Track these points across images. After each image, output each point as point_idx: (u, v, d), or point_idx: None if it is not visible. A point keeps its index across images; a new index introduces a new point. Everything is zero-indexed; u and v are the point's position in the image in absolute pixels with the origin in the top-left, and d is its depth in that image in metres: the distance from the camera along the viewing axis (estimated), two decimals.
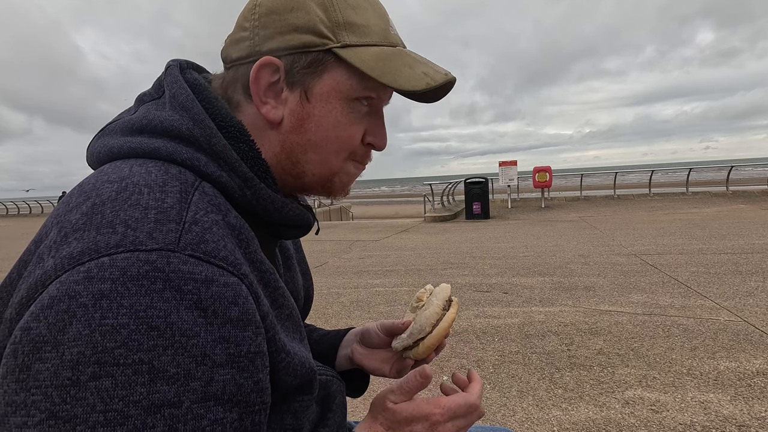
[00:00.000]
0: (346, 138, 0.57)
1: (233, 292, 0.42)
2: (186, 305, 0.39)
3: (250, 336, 0.43)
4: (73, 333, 0.36)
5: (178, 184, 0.46)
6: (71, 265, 0.39)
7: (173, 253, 0.40)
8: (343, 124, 0.56)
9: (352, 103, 0.56)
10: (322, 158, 0.57)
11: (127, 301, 0.37)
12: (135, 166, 0.48)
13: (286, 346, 0.49)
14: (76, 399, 0.35)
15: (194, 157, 0.50)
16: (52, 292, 0.38)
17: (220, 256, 0.43)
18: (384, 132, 0.61)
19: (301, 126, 0.55)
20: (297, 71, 0.54)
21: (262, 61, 0.53)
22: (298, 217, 0.58)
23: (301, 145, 0.56)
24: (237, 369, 0.41)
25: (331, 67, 0.54)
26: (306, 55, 0.53)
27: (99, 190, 0.44)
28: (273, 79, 0.54)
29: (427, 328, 0.68)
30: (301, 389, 0.54)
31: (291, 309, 0.54)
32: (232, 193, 0.51)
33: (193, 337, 0.39)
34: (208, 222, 0.45)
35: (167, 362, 0.37)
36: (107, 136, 0.54)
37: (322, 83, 0.54)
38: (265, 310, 0.46)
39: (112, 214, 0.41)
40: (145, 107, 0.55)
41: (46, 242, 0.43)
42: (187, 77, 0.56)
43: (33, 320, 0.37)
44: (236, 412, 0.42)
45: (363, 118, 0.58)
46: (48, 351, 0.36)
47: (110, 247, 0.39)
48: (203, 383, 0.39)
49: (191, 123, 0.51)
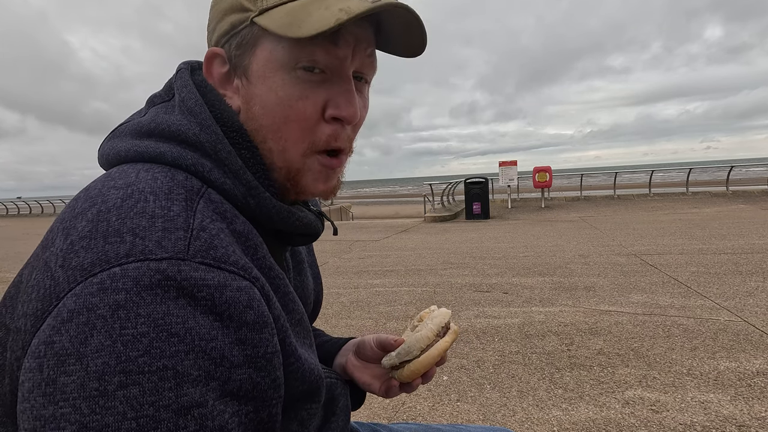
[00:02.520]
0: (295, 115, 0.51)
1: (247, 296, 0.42)
2: (202, 311, 0.39)
3: (266, 338, 0.43)
4: (95, 344, 0.36)
5: (183, 192, 0.46)
6: (83, 276, 0.39)
7: (183, 261, 0.40)
8: (286, 99, 0.50)
9: (293, 74, 0.50)
10: (280, 147, 0.53)
11: (144, 310, 0.37)
12: (142, 171, 0.47)
13: (297, 351, 0.49)
14: (106, 408, 0.35)
15: (199, 163, 0.49)
16: (70, 306, 0.38)
17: (231, 261, 0.43)
18: (349, 99, 0.52)
19: (250, 111, 0.53)
20: (234, 55, 0.53)
21: (207, 54, 0.54)
22: (305, 227, 0.57)
23: (258, 132, 0.53)
24: (254, 369, 0.42)
25: (260, 40, 0.51)
26: (236, 36, 0.52)
27: (105, 196, 0.44)
28: (224, 70, 0.54)
29: (415, 351, 0.66)
30: (309, 396, 0.54)
31: (301, 315, 0.53)
32: (235, 200, 0.50)
33: (211, 341, 0.39)
34: (215, 229, 0.44)
35: (190, 366, 0.38)
36: (117, 138, 0.54)
37: (256, 60, 0.51)
38: (277, 313, 0.46)
39: (119, 222, 0.41)
40: (154, 110, 0.55)
41: (52, 249, 0.43)
42: (196, 79, 0.55)
43: (55, 334, 0.37)
44: (252, 405, 0.42)
45: (317, 89, 0.51)
46: (72, 364, 0.36)
47: (120, 257, 0.39)
48: (221, 382, 0.40)
49: (198, 128, 0.51)
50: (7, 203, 27.83)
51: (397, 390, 0.72)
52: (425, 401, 2.40)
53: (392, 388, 0.72)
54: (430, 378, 0.70)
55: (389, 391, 0.72)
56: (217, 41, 0.54)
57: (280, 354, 0.45)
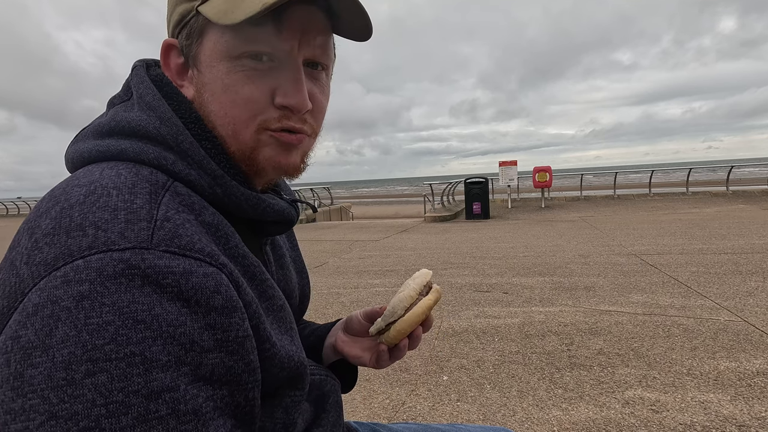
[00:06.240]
0: (242, 99, 0.51)
1: (214, 281, 0.42)
2: (168, 298, 0.39)
3: (237, 322, 0.43)
4: (60, 335, 0.36)
5: (147, 186, 0.46)
6: (47, 271, 0.39)
7: (147, 251, 0.40)
8: (232, 86, 0.51)
9: (238, 62, 0.50)
10: (230, 131, 0.53)
11: (108, 299, 0.37)
12: (106, 169, 0.48)
13: (272, 338, 0.49)
14: (74, 397, 0.36)
15: (162, 156, 0.50)
16: (34, 300, 0.38)
17: (196, 248, 0.43)
18: (297, 87, 0.51)
19: (201, 98, 0.53)
20: (185, 45, 0.54)
21: (162, 46, 0.55)
22: (277, 214, 0.57)
23: (208, 119, 0.53)
24: (226, 353, 0.42)
25: (206, 29, 0.51)
26: (186, 26, 0.53)
27: (68, 194, 0.44)
28: (180, 61, 0.55)
29: (399, 311, 0.66)
30: (292, 383, 0.55)
31: (281, 302, 0.54)
32: (202, 191, 0.51)
33: (179, 327, 0.39)
34: (180, 220, 0.45)
35: (158, 352, 0.38)
36: (80, 141, 0.55)
37: (203, 50, 0.52)
38: (248, 299, 0.46)
39: (81, 216, 0.41)
40: (114, 110, 0.55)
41: (18, 249, 0.43)
42: (152, 74, 0.56)
43: (21, 328, 0.37)
44: (227, 389, 0.43)
45: (264, 77, 0.51)
46: (38, 356, 0.36)
47: (83, 250, 0.39)
48: (193, 367, 0.40)
49: (158, 122, 0.51)
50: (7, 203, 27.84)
51: (386, 357, 0.71)
52: (425, 401, 2.40)
53: (382, 354, 0.71)
54: (417, 341, 0.70)
55: (379, 360, 0.72)
56: (172, 32, 0.55)
57: (253, 338, 0.46)
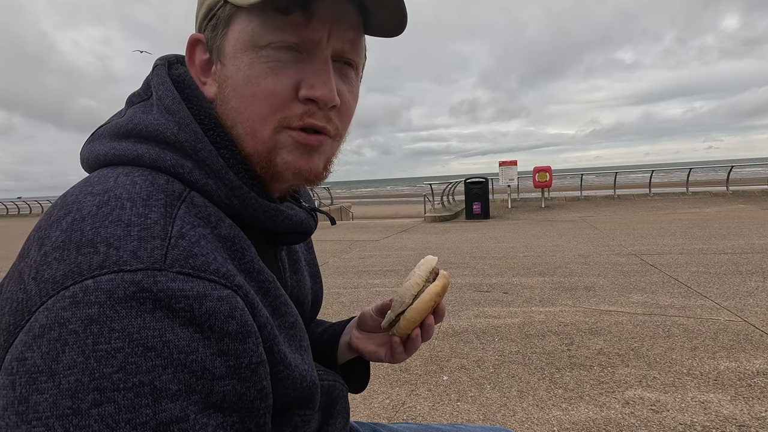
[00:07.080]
0: (263, 93, 0.48)
1: (229, 306, 0.41)
2: (180, 323, 0.38)
3: (251, 348, 0.42)
4: (67, 361, 0.35)
5: (163, 197, 0.44)
6: (55, 290, 0.37)
7: (160, 272, 0.39)
8: (254, 78, 0.48)
9: (263, 52, 0.48)
10: (248, 129, 0.50)
11: (118, 324, 0.36)
12: (121, 176, 0.46)
13: (287, 358, 0.48)
14: (80, 428, 0.34)
15: (179, 164, 0.48)
16: (41, 320, 0.37)
17: (211, 269, 0.41)
18: (324, 79, 0.49)
19: (222, 94, 0.51)
20: (210, 38, 0.51)
21: (189, 41, 0.53)
22: (294, 225, 0.55)
23: (228, 116, 0.51)
24: (238, 380, 0.41)
25: (233, 20, 0.49)
26: (213, 18, 0.51)
27: (80, 203, 0.43)
28: (205, 57, 0.53)
29: (407, 299, 0.64)
30: (302, 403, 0.53)
31: (294, 318, 0.52)
32: (219, 201, 0.49)
33: (191, 353, 0.38)
34: (196, 236, 0.43)
35: (168, 381, 0.37)
36: (96, 140, 0.53)
37: (228, 41, 0.50)
38: (263, 321, 0.45)
39: (92, 231, 0.40)
40: (132, 110, 0.53)
41: (27, 260, 0.41)
42: (174, 74, 0.54)
43: (27, 350, 0.36)
44: (237, 416, 0.41)
45: (287, 68, 0.49)
46: (44, 381, 0.35)
47: (93, 269, 0.38)
48: (204, 395, 0.39)
49: (176, 127, 0.49)
50: (7, 203, 27.83)
51: (401, 349, 0.70)
52: (425, 401, 2.40)
53: (395, 347, 0.69)
54: (430, 330, 0.68)
55: (394, 353, 0.70)
56: (200, 27, 0.53)
57: (267, 363, 0.44)
